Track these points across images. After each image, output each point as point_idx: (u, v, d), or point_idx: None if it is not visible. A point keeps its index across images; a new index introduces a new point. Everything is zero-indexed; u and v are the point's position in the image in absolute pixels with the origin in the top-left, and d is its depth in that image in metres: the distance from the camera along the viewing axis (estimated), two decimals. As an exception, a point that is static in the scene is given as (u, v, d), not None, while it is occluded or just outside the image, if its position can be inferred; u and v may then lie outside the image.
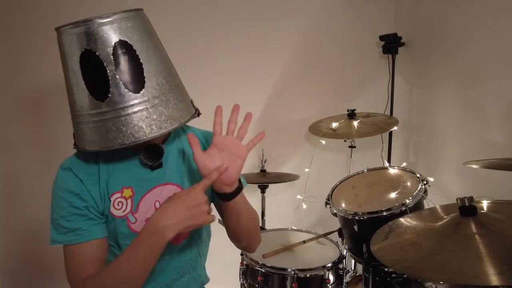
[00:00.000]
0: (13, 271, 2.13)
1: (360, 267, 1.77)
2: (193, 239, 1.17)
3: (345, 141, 2.29)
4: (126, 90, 0.91)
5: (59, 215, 1.00)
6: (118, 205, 1.04)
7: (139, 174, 1.07)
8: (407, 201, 1.47)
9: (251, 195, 2.33)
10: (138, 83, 0.92)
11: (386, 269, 1.52)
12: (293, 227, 1.92)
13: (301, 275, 1.51)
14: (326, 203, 1.73)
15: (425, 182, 1.56)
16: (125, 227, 1.05)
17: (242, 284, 1.64)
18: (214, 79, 2.26)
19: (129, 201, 1.06)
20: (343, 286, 1.65)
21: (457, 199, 1.09)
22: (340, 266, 1.61)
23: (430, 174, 2.12)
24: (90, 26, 0.89)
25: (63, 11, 2.00)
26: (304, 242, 1.74)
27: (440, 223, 1.11)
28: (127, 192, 1.06)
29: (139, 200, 1.07)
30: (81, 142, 0.98)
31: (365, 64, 2.48)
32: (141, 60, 0.93)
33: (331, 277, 1.56)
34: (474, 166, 1.36)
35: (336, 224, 1.78)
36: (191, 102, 1.09)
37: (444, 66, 2.15)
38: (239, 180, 1.05)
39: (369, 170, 1.81)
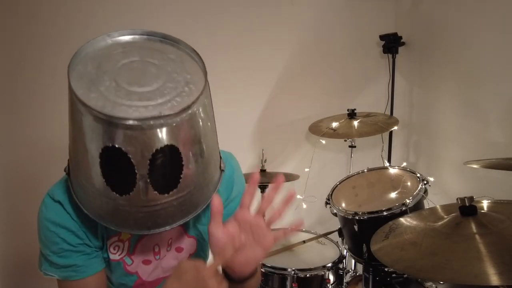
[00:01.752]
0: (13, 271, 2.13)
1: (360, 267, 1.77)
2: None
3: (345, 141, 2.29)
4: (155, 192, 0.72)
5: (50, 251, 0.88)
6: (115, 249, 0.94)
7: None
8: (407, 201, 1.47)
9: (251, 195, 2.33)
10: (171, 185, 0.74)
11: (386, 269, 1.52)
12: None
13: (301, 275, 1.51)
14: (326, 203, 1.73)
15: (425, 182, 1.55)
16: (120, 269, 0.97)
17: (242, 284, 1.64)
18: (213, 79, 2.23)
19: (126, 243, 0.95)
20: (343, 286, 1.65)
21: (457, 199, 1.09)
22: (340, 266, 1.61)
23: (430, 174, 2.12)
24: (132, 125, 0.65)
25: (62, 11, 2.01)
26: (304, 242, 1.74)
27: (440, 223, 1.10)
28: (125, 234, 0.94)
29: (136, 241, 0.96)
30: (77, 193, 0.82)
31: (365, 64, 2.48)
32: (183, 163, 0.73)
33: (331, 277, 1.56)
34: (474, 166, 1.36)
35: (336, 224, 1.78)
36: (220, 164, 0.89)
37: (444, 66, 2.15)
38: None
39: (369, 170, 1.81)
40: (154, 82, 0.72)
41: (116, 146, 0.66)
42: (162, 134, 0.67)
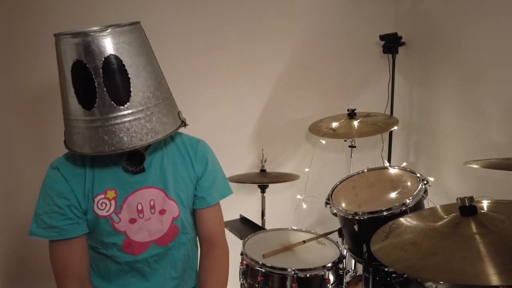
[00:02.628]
0: (12, 272, 2.13)
1: (360, 267, 1.77)
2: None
3: (345, 141, 2.29)
4: (112, 102, 0.96)
5: (43, 210, 1.09)
6: (102, 205, 1.11)
7: (122, 177, 1.13)
8: (407, 201, 1.47)
9: (251, 195, 2.33)
10: (124, 96, 0.97)
11: (386, 269, 1.52)
12: (293, 227, 1.91)
13: (301, 275, 1.51)
14: (326, 203, 1.73)
15: (425, 182, 1.55)
16: (109, 226, 1.12)
17: (242, 284, 1.64)
18: (214, 78, 2.25)
19: (112, 202, 1.12)
20: (343, 286, 1.65)
21: (457, 199, 1.09)
22: (340, 266, 1.60)
23: (430, 174, 2.12)
24: (85, 39, 0.93)
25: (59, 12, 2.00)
26: (304, 242, 1.73)
27: (440, 223, 1.10)
28: (111, 194, 1.12)
29: (122, 201, 1.13)
30: (69, 142, 1.07)
31: (365, 64, 2.48)
32: (129, 75, 0.97)
33: (331, 277, 1.55)
34: (475, 166, 1.36)
35: (336, 224, 1.78)
36: (178, 114, 1.13)
37: (444, 65, 2.15)
38: None
39: (369, 170, 1.81)
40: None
41: (78, 59, 0.94)
42: (108, 43, 0.95)
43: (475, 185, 1.91)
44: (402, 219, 1.25)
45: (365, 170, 1.81)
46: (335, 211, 1.67)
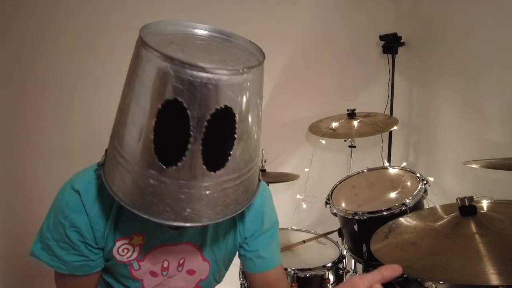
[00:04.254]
0: (13, 271, 2.13)
1: (360, 267, 1.77)
2: None
3: (345, 140, 2.29)
4: (203, 166, 0.68)
5: (52, 236, 0.87)
6: (123, 251, 0.91)
7: (155, 226, 0.89)
8: (407, 201, 1.47)
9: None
10: (220, 160, 0.71)
11: (386, 269, 1.52)
12: (293, 227, 1.92)
13: (301, 274, 1.51)
14: (326, 203, 1.73)
15: (425, 182, 1.55)
16: (126, 271, 0.94)
17: (242, 284, 1.64)
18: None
19: (137, 248, 0.91)
20: (343, 286, 1.65)
21: (457, 199, 1.09)
22: (340, 266, 1.61)
23: (430, 174, 2.12)
24: (197, 75, 0.63)
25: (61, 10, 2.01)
26: (304, 242, 1.74)
27: (440, 223, 1.10)
28: (137, 240, 0.91)
29: (148, 251, 0.93)
30: (108, 176, 0.78)
31: (365, 64, 2.48)
32: (235, 134, 0.70)
33: (331, 277, 1.56)
34: (474, 166, 1.36)
35: (336, 224, 1.78)
36: (259, 175, 0.87)
37: (444, 66, 2.15)
38: None
39: (369, 170, 1.81)
40: (217, 53, 0.74)
41: (178, 99, 0.64)
42: (223, 91, 0.66)
43: (474, 185, 1.91)
44: (402, 219, 1.25)
45: (365, 170, 1.81)
46: (335, 211, 1.67)
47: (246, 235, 1.02)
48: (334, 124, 2.12)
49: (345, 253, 1.70)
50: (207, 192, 0.71)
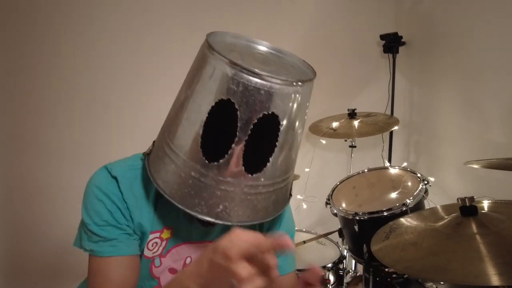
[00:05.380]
0: (13, 271, 2.13)
1: (360, 267, 1.77)
2: None
3: (345, 140, 2.29)
4: (241, 167, 0.73)
5: (93, 221, 0.84)
6: (153, 245, 0.90)
7: (185, 221, 0.91)
8: (408, 201, 1.47)
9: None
10: (259, 165, 0.75)
11: (386, 269, 1.52)
12: (293, 227, 1.91)
13: (301, 275, 1.50)
14: (327, 203, 1.73)
15: (425, 182, 1.55)
16: (146, 269, 0.91)
17: (242, 284, 1.63)
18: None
19: (163, 242, 0.91)
20: (343, 287, 1.65)
21: (457, 199, 1.09)
22: (341, 266, 1.60)
23: (431, 174, 2.12)
24: (253, 80, 0.69)
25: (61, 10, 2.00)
26: (304, 242, 1.73)
27: (440, 223, 1.10)
28: (166, 234, 0.91)
29: (172, 246, 0.92)
30: (153, 167, 0.82)
31: (365, 64, 2.48)
32: (277, 143, 0.75)
33: (331, 278, 1.55)
34: (475, 166, 1.36)
35: (336, 224, 1.77)
36: (291, 189, 0.90)
37: (444, 65, 2.15)
38: None
39: (369, 170, 1.80)
40: (273, 66, 0.81)
41: (231, 100, 0.70)
42: (274, 99, 0.71)
43: (475, 185, 1.90)
44: (402, 219, 1.24)
45: (366, 170, 1.81)
46: (335, 211, 1.67)
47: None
48: (335, 124, 2.12)
49: (345, 254, 1.70)
50: (241, 193, 0.76)
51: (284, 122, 0.74)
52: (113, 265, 0.84)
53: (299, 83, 0.74)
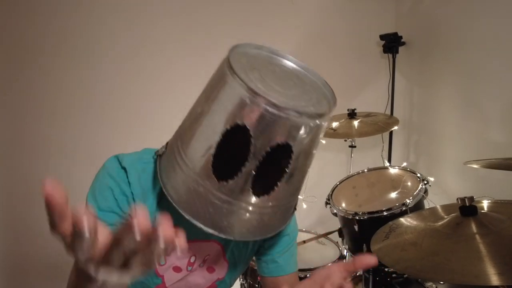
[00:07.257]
0: (13, 271, 2.13)
1: (360, 267, 1.77)
2: None
3: (345, 140, 2.29)
4: (250, 189, 0.74)
5: (97, 205, 0.86)
6: None
7: (186, 221, 0.91)
8: (408, 201, 1.47)
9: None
10: (265, 190, 0.76)
11: (386, 269, 1.52)
12: (293, 227, 1.91)
13: (301, 275, 1.50)
14: (326, 203, 1.73)
15: (425, 182, 1.55)
16: None
17: (242, 284, 1.64)
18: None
19: None
20: (343, 286, 1.64)
21: (457, 199, 1.09)
22: (340, 266, 1.60)
23: (431, 174, 2.12)
24: (268, 109, 0.68)
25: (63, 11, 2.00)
26: (304, 242, 1.73)
27: (440, 223, 1.10)
28: None
29: None
30: (163, 170, 0.83)
31: (365, 64, 2.48)
32: (287, 170, 0.75)
33: (331, 277, 1.55)
34: (475, 166, 1.36)
35: (336, 224, 1.77)
36: (296, 204, 0.92)
37: (444, 65, 2.15)
38: None
39: (369, 170, 1.81)
40: (292, 90, 0.79)
41: (247, 126, 0.69)
42: (289, 130, 0.70)
43: (475, 185, 1.91)
44: (402, 219, 1.25)
45: (365, 170, 1.81)
46: (335, 211, 1.67)
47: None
48: (334, 124, 2.12)
49: (345, 254, 1.70)
50: (247, 213, 0.77)
51: (297, 151, 0.73)
52: None
53: (316, 116, 0.72)
